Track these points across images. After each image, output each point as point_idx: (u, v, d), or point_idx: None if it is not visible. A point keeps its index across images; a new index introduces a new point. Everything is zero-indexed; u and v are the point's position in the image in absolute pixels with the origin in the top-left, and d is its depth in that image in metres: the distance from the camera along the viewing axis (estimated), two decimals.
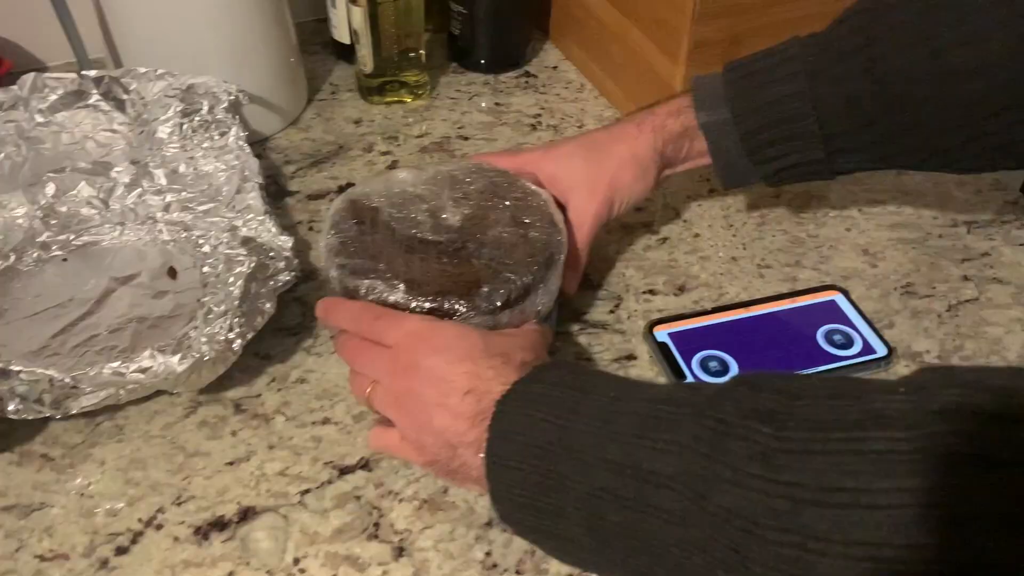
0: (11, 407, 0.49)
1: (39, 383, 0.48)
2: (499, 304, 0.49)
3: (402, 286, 0.49)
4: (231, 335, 0.51)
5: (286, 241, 0.59)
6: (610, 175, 0.57)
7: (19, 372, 0.48)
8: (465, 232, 0.53)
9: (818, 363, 0.56)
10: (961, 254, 0.66)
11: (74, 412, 0.50)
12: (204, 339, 0.51)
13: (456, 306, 0.48)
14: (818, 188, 0.72)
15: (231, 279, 0.55)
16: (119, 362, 0.50)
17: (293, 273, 0.58)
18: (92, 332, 0.57)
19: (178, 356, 0.50)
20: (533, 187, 0.56)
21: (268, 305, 0.55)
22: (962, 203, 0.71)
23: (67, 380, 0.49)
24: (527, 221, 0.53)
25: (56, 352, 0.55)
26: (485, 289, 0.49)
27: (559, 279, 0.54)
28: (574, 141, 0.59)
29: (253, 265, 0.54)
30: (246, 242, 0.58)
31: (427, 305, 0.48)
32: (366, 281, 0.50)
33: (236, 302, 0.52)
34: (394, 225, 0.53)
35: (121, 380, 0.50)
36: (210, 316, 0.53)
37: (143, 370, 0.50)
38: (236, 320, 0.52)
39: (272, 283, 0.56)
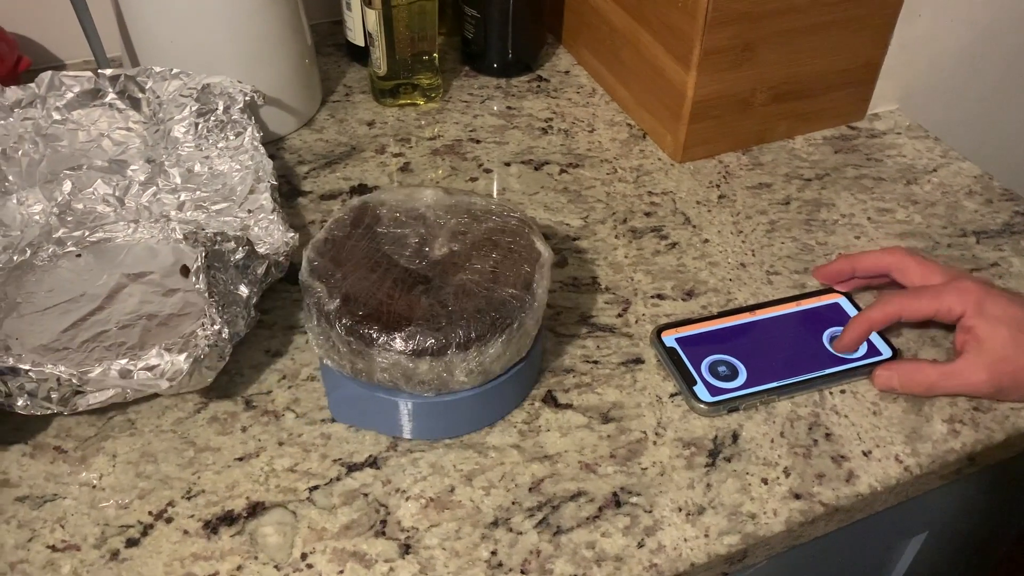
0: (20, 403, 0.49)
1: (47, 381, 0.49)
2: (411, 350, 0.48)
3: (338, 299, 0.49)
4: (214, 328, 0.51)
5: (293, 238, 0.60)
6: (1021, 371, 0.54)
7: (28, 371, 0.48)
8: (438, 268, 0.52)
9: (825, 366, 0.56)
10: (970, 264, 0.66)
11: (81, 410, 0.51)
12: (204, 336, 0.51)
13: (373, 335, 0.48)
14: (828, 196, 0.72)
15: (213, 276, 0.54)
16: (127, 359, 0.50)
17: (282, 270, 0.59)
18: (102, 328, 0.58)
19: (184, 355, 0.50)
20: (540, 246, 0.53)
21: (245, 292, 0.54)
22: (971, 213, 0.71)
23: (74, 380, 0.49)
24: (503, 278, 0.51)
25: (66, 347, 0.56)
26: (409, 329, 0.48)
27: (517, 344, 0.51)
28: (1015, 305, 0.55)
29: (203, 257, 0.51)
30: (231, 238, 0.55)
31: (348, 323, 0.48)
32: (317, 283, 0.50)
33: (206, 295, 0.51)
34: (381, 239, 0.53)
35: (127, 382, 0.50)
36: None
37: (150, 368, 0.50)
38: (215, 313, 0.51)
39: (253, 275, 0.56)
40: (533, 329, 0.52)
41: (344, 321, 0.48)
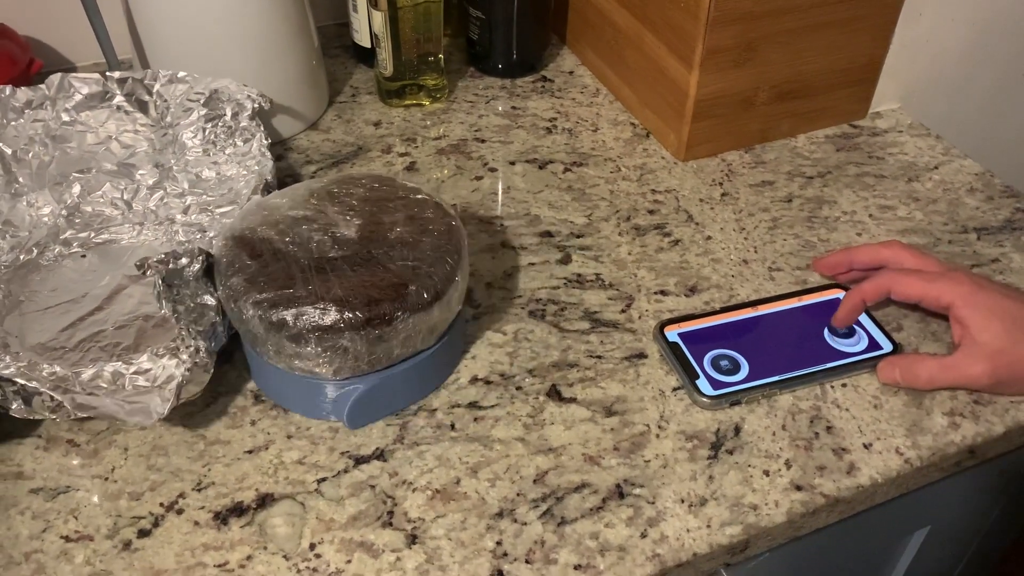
0: (14, 406, 0.50)
1: (41, 396, 0.49)
2: (429, 299, 0.50)
3: (333, 307, 0.49)
4: (191, 350, 0.51)
5: None
6: (1020, 364, 0.55)
7: (24, 384, 0.49)
8: (366, 241, 0.53)
9: (827, 360, 0.57)
10: (971, 260, 0.67)
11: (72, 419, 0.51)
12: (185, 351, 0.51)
13: (391, 310, 0.49)
14: (830, 193, 0.73)
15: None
16: (119, 362, 0.51)
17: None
18: (99, 328, 0.58)
19: (175, 361, 0.51)
20: (410, 184, 0.57)
21: (212, 300, 0.53)
22: (972, 209, 0.71)
23: (65, 404, 0.49)
24: (421, 216, 0.55)
25: (63, 345, 0.56)
26: (412, 288, 0.50)
27: (467, 262, 0.55)
28: (1009, 299, 0.55)
29: (160, 283, 0.50)
30: (181, 254, 0.53)
31: (363, 316, 0.49)
32: (292, 310, 0.49)
33: (174, 319, 0.51)
34: (293, 251, 0.52)
35: (118, 407, 0.50)
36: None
37: (142, 372, 0.51)
38: (187, 335, 0.51)
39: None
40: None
41: (355, 315, 0.49)
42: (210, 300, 0.54)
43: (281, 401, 0.55)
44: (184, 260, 0.51)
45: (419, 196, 0.57)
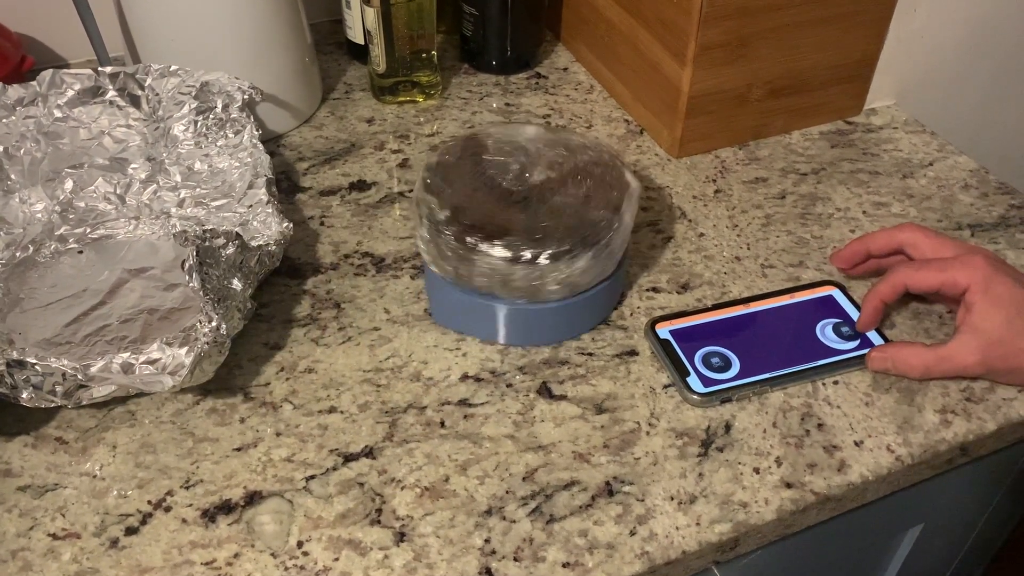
0: (24, 395, 0.50)
1: (52, 375, 0.50)
2: (509, 257, 0.53)
3: (448, 211, 0.55)
4: (212, 325, 0.51)
5: (287, 228, 0.61)
6: (1016, 357, 0.54)
7: (34, 364, 0.49)
8: (535, 190, 0.58)
9: (819, 356, 0.57)
10: None
11: (84, 403, 0.51)
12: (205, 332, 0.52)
13: (476, 242, 0.54)
14: (823, 190, 0.72)
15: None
16: (128, 352, 0.51)
17: (276, 260, 0.61)
18: (104, 322, 0.58)
19: (185, 348, 0.51)
20: (629, 178, 0.59)
21: (239, 286, 0.55)
22: (967, 206, 0.71)
23: (79, 376, 0.50)
24: (594, 202, 0.57)
25: (68, 340, 0.57)
26: (508, 239, 0.54)
27: (604, 261, 0.56)
28: (1021, 286, 0.55)
29: (195, 255, 0.52)
30: (220, 234, 0.56)
31: (455, 231, 0.54)
32: (429, 196, 0.56)
33: (201, 293, 0.52)
34: (486, 164, 0.59)
35: (130, 379, 0.50)
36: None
37: (151, 361, 0.51)
38: (211, 311, 0.52)
39: (246, 268, 0.57)
40: (619, 250, 0.57)
41: (452, 229, 0.54)
42: (237, 284, 0.55)
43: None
44: (220, 240, 0.55)
45: (619, 191, 0.58)
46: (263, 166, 0.66)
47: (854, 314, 0.60)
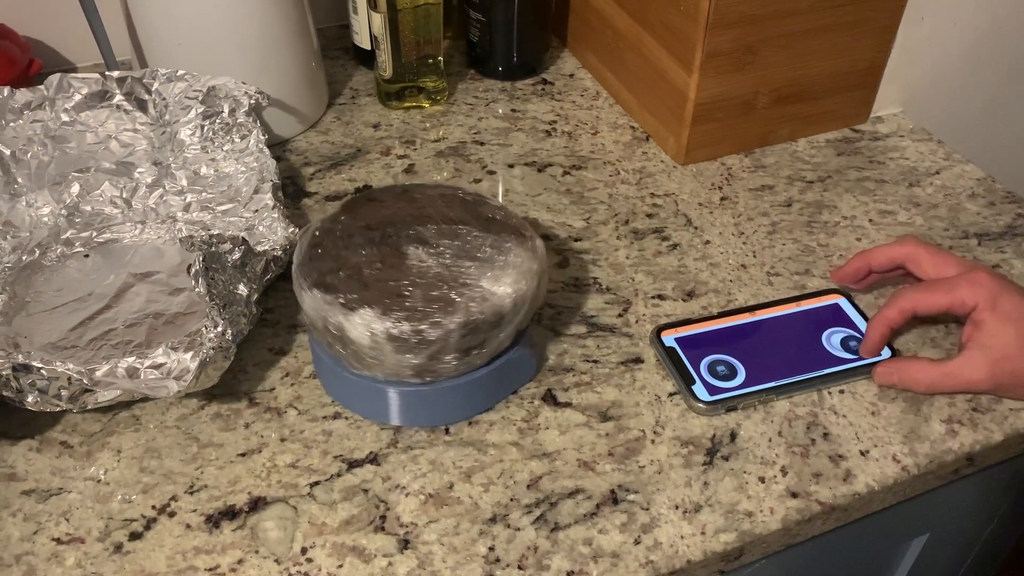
0: (30, 399, 0.50)
1: (58, 379, 0.50)
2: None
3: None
4: (217, 330, 0.51)
5: (293, 233, 0.61)
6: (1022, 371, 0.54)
7: (40, 368, 0.49)
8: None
9: (824, 366, 0.57)
10: None
11: (89, 408, 0.51)
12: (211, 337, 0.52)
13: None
14: (830, 198, 0.72)
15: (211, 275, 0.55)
16: (134, 357, 0.51)
17: (281, 265, 0.60)
18: (109, 326, 0.58)
19: (190, 353, 0.51)
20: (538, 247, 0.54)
21: (245, 291, 0.55)
22: (973, 215, 0.71)
23: (84, 380, 0.50)
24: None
25: (74, 344, 0.57)
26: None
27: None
28: None
29: (201, 261, 0.52)
30: (227, 239, 0.56)
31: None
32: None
33: (207, 298, 0.52)
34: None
35: (135, 383, 0.50)
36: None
37: (156, 366, 0.51)
38: (217, 315, 0.52)
39: (251, 273, 0.57)
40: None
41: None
42: (243, 290, 0.55)
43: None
44: (226, 245, 0.54)
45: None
46: (269, 171, 0.66)
47: (860, 323, 0.60)
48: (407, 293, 0.49)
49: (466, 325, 0.49)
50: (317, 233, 0.54)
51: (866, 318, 0.60)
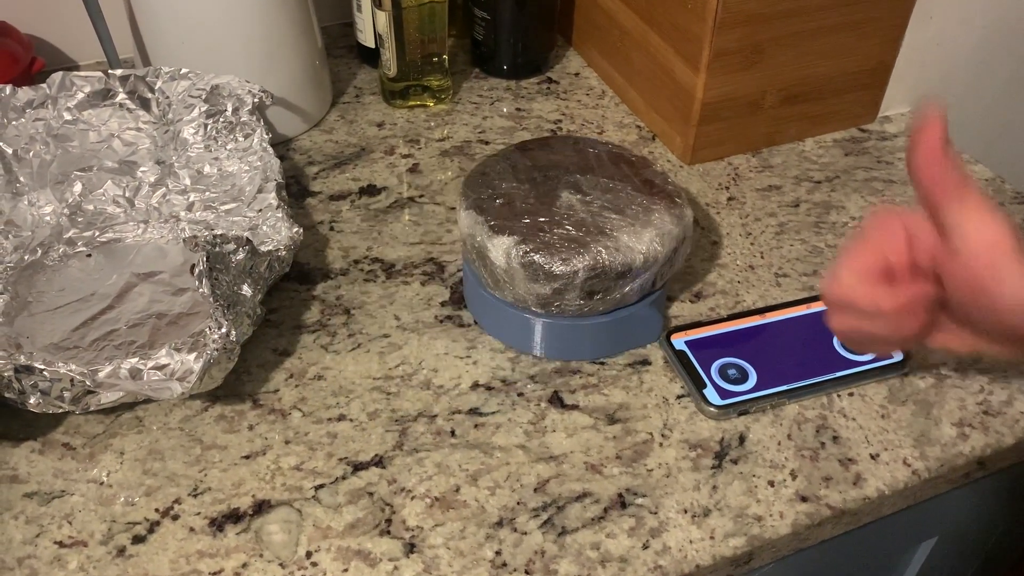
0: (32, 400, 0.49)
1: (60, 381, 0.49)
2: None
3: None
4: (221, 331, 0.51)
5: (298, 233, 0.60)
6: None
7: (42, 370, 0.49)
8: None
9: (835, 368, 0.56)
10: None
11: (92, 409, 0.51)
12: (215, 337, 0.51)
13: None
14: (837, 198, 0.72)
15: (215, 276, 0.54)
16: (137, 358, 0.51)
17: (286, 265, 0.60)
18: (112, 327, 0.58)
19: (194, 354, 0.51)
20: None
21: (249, 291, 0.55)
22: None
23: (87, 381, 0.49)
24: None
25: (76, 345, 0.56)
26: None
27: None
28: None
29: (205, 261, 0.52)
30: (231, 239, 0.55)
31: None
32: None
33: (211, 299, 0.52)
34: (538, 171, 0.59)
35: (138, 385, 0.50)
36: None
37: (160, 367, 0.51)
38: (221, 316, 0.51)
39: (255, 274, 0.56)
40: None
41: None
42: (247, 290, 0.55)
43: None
44: (231, 246, 0.54)
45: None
46: (273, 170, 0.65)
47: None
48: (548, 229, 0.54)
49: (592, 269, 0.52)
50: (488, 161, 0.60)
51: None
